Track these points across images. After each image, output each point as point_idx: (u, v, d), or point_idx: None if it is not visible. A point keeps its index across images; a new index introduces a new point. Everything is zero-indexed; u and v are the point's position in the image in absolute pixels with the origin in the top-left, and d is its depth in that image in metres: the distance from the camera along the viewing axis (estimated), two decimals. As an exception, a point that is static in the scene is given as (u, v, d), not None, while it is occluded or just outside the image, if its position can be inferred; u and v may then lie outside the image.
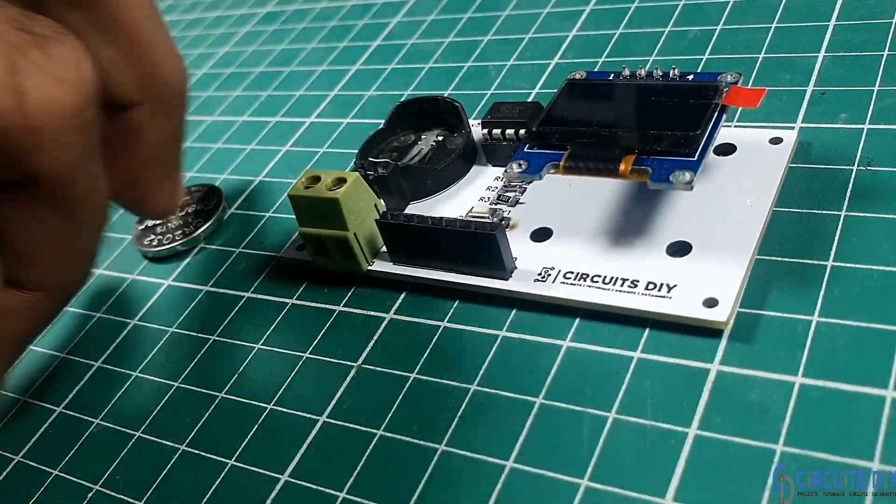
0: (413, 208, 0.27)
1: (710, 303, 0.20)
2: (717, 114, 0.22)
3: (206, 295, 0.28)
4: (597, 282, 0.22)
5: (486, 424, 0.21)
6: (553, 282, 0.23)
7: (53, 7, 0.20)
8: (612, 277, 0.22)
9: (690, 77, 0.24)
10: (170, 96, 0.23)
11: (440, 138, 0.29)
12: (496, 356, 0.22)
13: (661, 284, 0.21)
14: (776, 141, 0.24)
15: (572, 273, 0.23)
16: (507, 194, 0.26)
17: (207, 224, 0.31)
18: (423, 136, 0.29)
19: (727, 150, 0.24)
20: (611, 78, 0.24)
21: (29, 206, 0.18)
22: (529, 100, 0.30)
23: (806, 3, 0.29)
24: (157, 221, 0.32)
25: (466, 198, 0.27)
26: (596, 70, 0.30)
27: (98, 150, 0.19)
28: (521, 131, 0.26)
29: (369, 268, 0.25)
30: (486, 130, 0.26)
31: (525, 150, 0.23)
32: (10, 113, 0.17)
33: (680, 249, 0.22)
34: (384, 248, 0.25)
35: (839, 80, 0.26)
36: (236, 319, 0.27)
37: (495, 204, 0.26)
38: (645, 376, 0.20)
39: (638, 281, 0.22)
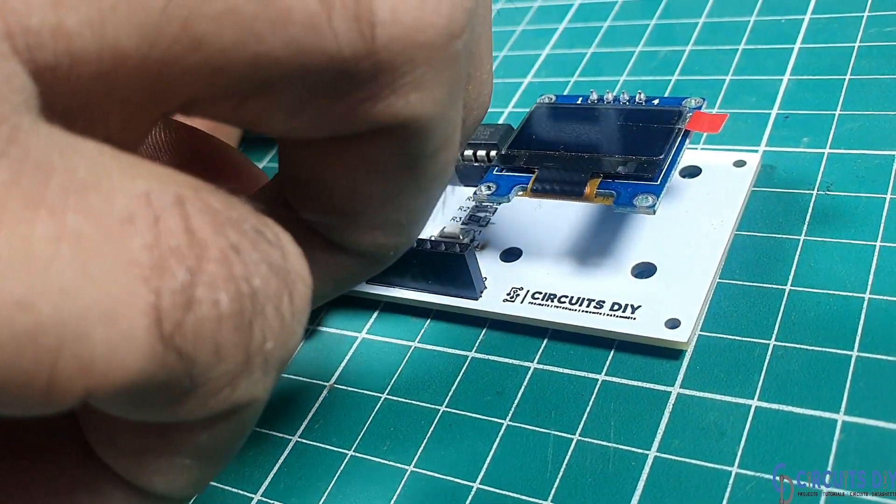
0: (386, 227, 0.27)
1: (673, 324, 0.21)
2: (680, 138, 0.23)
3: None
4: (564, 302, 0.23)
5: (454, 445, 0.21)
6: (521, 302, 0.23)
7: None
8: (579, 298, 0.23)
9: (656, 102, 0.24)
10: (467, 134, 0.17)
11: (414, 157, 0.29)
12: (465, 377, 0.22)
13: (626, 305, 0.22)
14: (740, 164, 0.25)
15: (540, 293, 0.23)
16: (479, 215, 0.26)
17: None
18: (397, 155, 0.29)
19: (692, 172, 0.25)
20: (578, 102, 0.25)
21: (368, 159, 0.14)
22: (502, 119, 0.31)
23: (772, 26, 0.30)
24: None
25: (438, 217, 0.27)
26: (567, 90, 0.31)
27: (462, 91, 0.14)
28: (492, 153, 0.26)
29: (342, 287, 0.26)
30: (458, 151, 0.27)
31: (494, 172, 0.24)
32: (357, 45, 0.12)
33: (645, 271, 0.23)
34: (357, 268, 0.26)
35: (802, 103, 0.26)
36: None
37: (467, 224, 0.26)
38: (609, 399, 0.21)
39: (604, 302, 0.22)
